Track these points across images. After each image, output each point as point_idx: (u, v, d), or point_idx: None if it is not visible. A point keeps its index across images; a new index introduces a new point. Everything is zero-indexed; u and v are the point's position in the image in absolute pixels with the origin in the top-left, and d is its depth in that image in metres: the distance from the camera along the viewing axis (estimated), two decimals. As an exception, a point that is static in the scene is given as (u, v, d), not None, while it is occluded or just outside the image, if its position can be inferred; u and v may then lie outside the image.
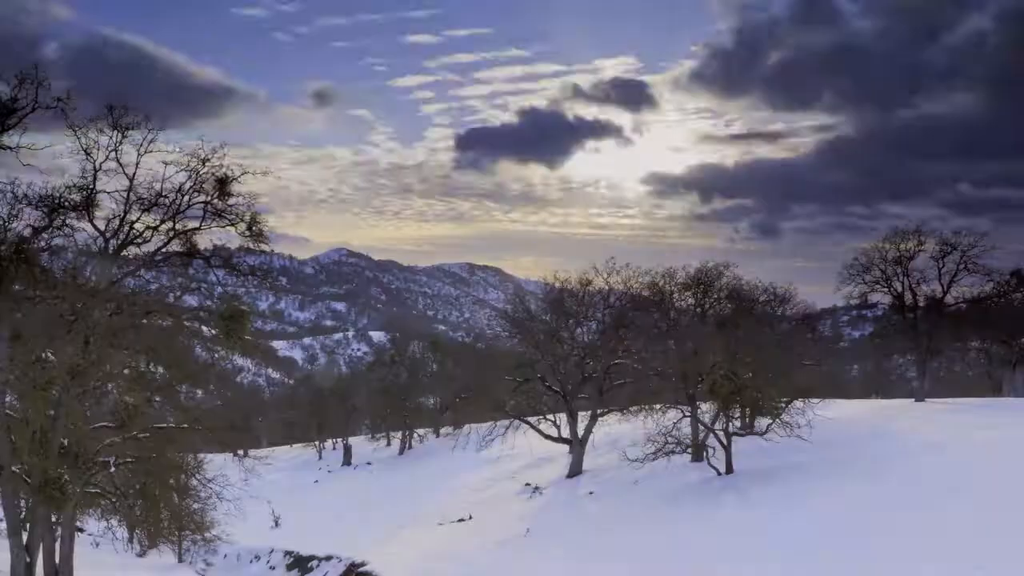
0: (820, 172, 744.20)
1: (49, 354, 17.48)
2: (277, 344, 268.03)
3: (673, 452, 26.86)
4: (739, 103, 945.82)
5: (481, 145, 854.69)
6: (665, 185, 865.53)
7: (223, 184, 18.43)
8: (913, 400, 38.70)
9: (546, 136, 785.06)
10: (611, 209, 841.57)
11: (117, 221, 18.16)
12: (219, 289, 19.79)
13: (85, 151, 17.35)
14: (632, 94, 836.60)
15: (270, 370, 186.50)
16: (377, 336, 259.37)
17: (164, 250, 19.01)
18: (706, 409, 29.30)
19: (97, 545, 32.06)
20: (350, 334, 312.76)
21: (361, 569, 25.90)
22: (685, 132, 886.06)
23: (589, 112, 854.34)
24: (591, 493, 30.30)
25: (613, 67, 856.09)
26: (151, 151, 17.92)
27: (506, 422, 36.69)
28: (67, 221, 17.02)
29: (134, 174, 18.02)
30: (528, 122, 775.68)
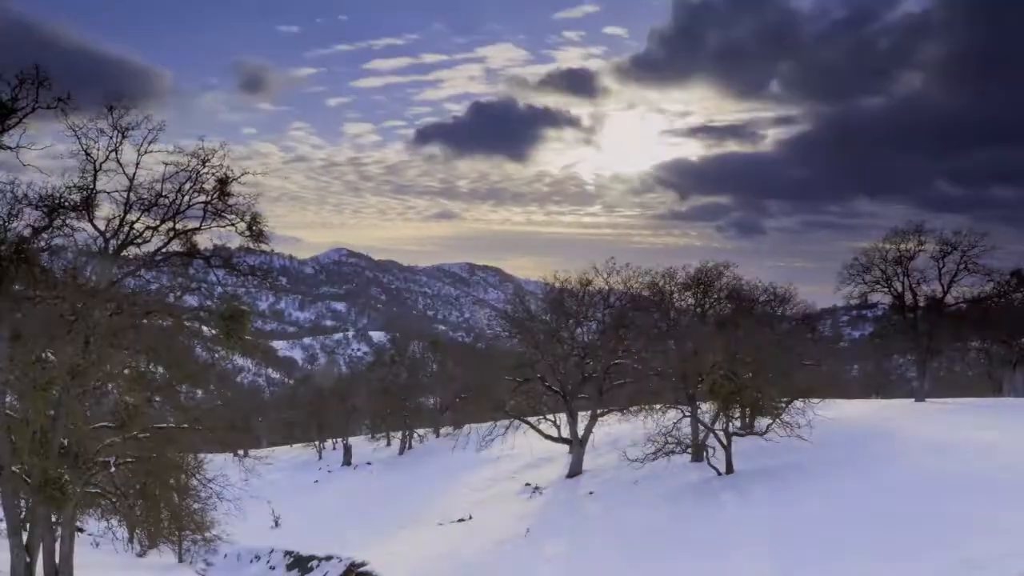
0: (789, 167, 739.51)
1: (49, 354, 17.49)
2: (277, 344, 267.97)
3: (673, 452, 26.84)
4: (689, 94, 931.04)
5: (434, 140, 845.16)
6: (635, 182, 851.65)
7: (223, 184, 18.46)
8: (913, 400, 38.72)
9: (495, 130, 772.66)
10: (573, 207, 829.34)
11: (117, 221, 18.19)
12: (219, 289, 19.81)
13: (85, 151, 17.37)
14: (578, 85, 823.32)
15: (270, 370, 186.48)
16: (377, 336, 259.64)
17: (164, 250, 19.03)
18: (706, 409, 29.30)
19: (97, 545, 32.06)
20: (350, 334, 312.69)
21: (361, 569, 25.90)
22: (640, 125, 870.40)
23: (542, 104, 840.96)
24: (591, 493, 30.30)
25: (498, 54, 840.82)
26: (151, 151, 17.95)
27: (506, 422, 36.68)
28: (67, 221, 17.04)
29: (134, 174, 18.06)
30: (474, 116, 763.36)
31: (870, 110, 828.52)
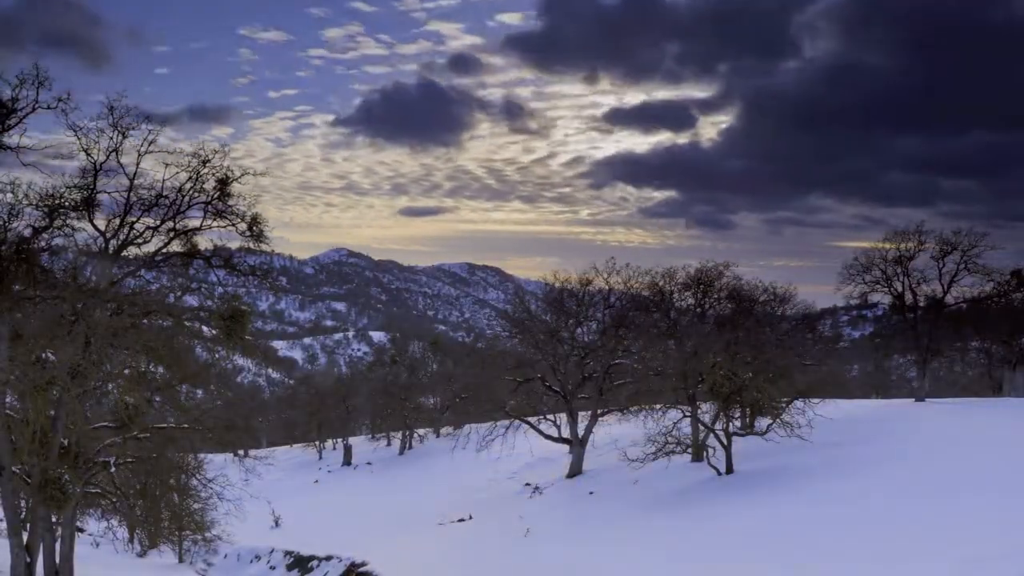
0: (728, 159, 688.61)
1: (49, 354, 17.48)
2: (277, 344, 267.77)
3: (673, 452, 26.86)
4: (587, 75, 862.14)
5: (351, 129, 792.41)
6: (559, 178, 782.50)
7: (224, 184, 18.44)
8: (913, 400, 38.73)
9: (409, 119, 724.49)
10: (496, 202, 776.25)
11: (117, 221, 18.15)
12: (219, 289, 19.76)
13: (85, 151, 17.35)
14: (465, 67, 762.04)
15: (270, 370, 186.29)
16: (377, 336, 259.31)
17: (164, 250, 19.01)
18: (706, 409, 29.33)
19: (97, 545, 32.09)
20: (350, 334, 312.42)
21: (361, 569, 25.90)
22: (557, 115, 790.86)
23: (458, 86, 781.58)
24: (591, 493, 30.32)
25: (275, 37, 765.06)
26: (151, 151, 17.94)
27: (506, 422, 36.71)
28: (67, 221, 16.99)
29: (134, 174, 18.03)
30: (385, 103, 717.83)
31: (788, 83, 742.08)
